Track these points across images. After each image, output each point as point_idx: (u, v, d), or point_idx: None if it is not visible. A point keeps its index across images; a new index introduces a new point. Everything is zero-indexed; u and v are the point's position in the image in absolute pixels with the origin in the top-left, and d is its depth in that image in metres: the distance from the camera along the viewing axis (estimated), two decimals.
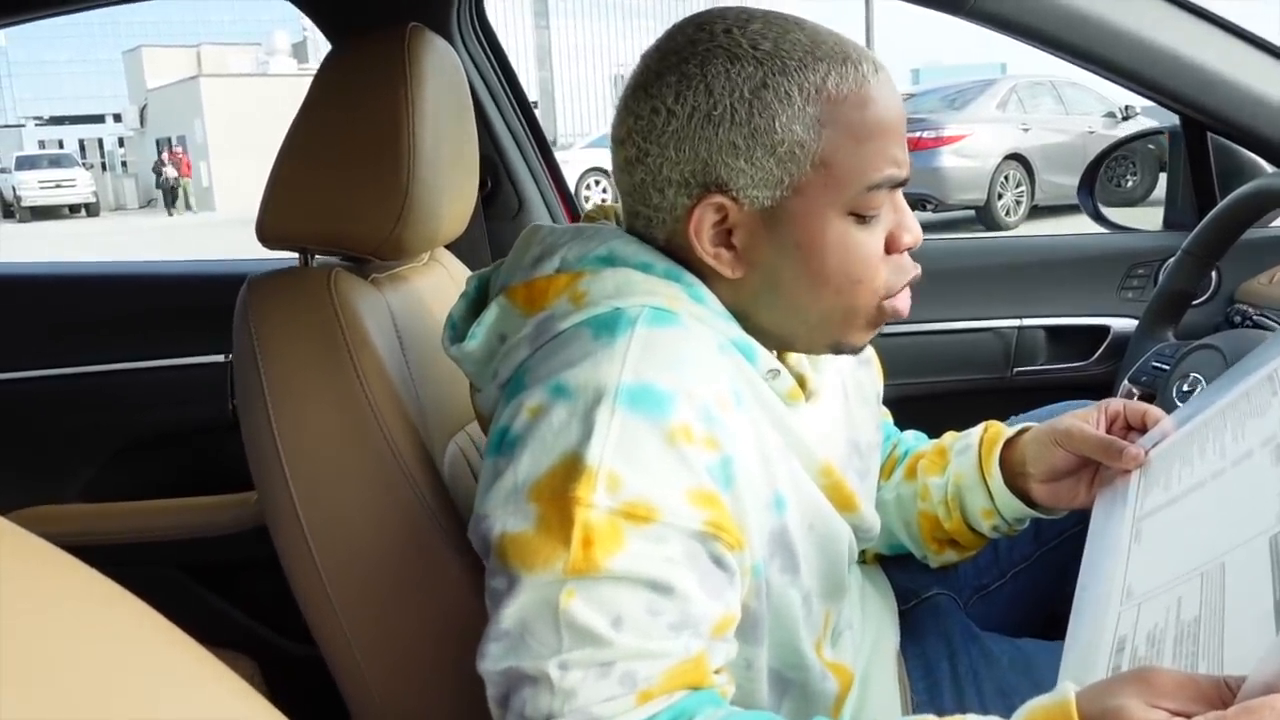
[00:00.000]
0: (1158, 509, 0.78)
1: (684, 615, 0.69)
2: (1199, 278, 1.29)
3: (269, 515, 0.92)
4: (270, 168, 0.96)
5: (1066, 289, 1.66)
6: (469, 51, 1.63)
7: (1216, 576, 0.64)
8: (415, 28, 0.98)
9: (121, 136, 41.22)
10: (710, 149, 0.74)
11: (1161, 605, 0.66)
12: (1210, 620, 0.61)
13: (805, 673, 0.86)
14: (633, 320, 0.74)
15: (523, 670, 0.68)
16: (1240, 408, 0.79)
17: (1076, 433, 0.90)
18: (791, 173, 0.74)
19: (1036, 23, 1.32)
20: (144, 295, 1.76)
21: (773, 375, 0.80)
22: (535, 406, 0.72)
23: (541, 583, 0.67)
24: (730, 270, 0.78)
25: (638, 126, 0.76)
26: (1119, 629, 0.68)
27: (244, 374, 0.92)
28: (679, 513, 0.68)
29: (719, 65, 0.73)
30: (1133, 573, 0.73)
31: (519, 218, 1.67)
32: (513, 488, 0.70)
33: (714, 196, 0.75)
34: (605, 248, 0.79)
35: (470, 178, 1.12)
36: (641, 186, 0.78)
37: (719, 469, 0.71)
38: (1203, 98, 1.41)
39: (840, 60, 0.74)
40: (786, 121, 0.73)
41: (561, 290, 0.78)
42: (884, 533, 1.06)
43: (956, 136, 9.10)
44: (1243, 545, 0.64)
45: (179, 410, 1.66)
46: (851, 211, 0.76)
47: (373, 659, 0.92)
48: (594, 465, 0.67)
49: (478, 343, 0.82)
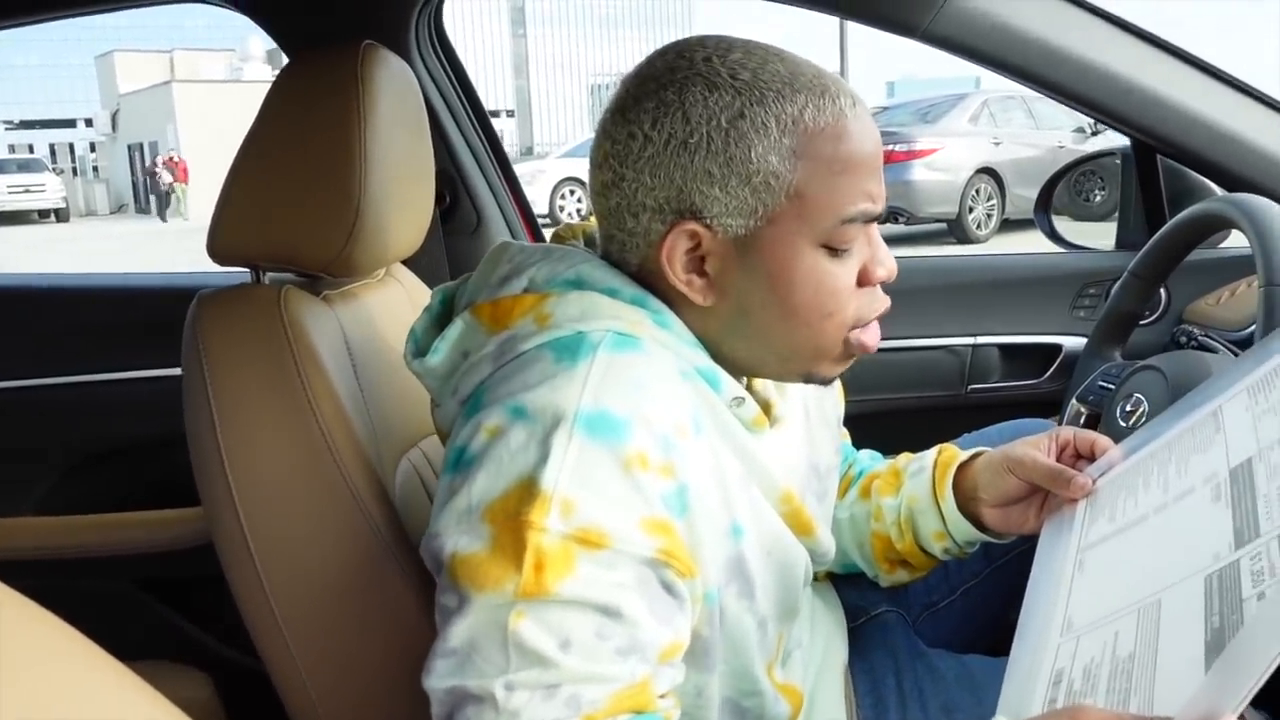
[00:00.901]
0: (1101, 540, 0.79)
1: (632, 640, 0.69)
2: (1146, 298, 1.31)
3: (215, 535, 0.92)
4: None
5: (1021, 307, 1.68)
6: (427, 66, 1.63)
7: (1153, 613, 0.64)
8: (369, 45, 0.98)
9: (93, 141, 40.88)
10: (685, 176, 0.74)
11: (1099, 639, 0.67)
12: (1144, 657, 0.61)
13: (760, 698, 0.86)
14: (595, 345, 0.74)
15: (468, 689, 0.68)
16: (1185, 442, 0.80)
17: (1028, 460, 0.91)
18: (766, 203, 0.74)
19: (988, 47, 1.34)
20: (98, 308, 1.75)
21: (737, 403, 0.80)
22: (493, 427, 0.72)
23: (491, 603, 0.67)
24: (701, 297, 0.78)
25: (615, 151, 0.77)
26: (1057, 661, 0.69)
27: (191, 393, 0.92)
28: (631, 540, 0.69)
29: (697, 93, 0.74)
30: (1074, 604, 0.74)
31: (478, 233, 1.68)
32: (467, 508, 0.70)
33: (687, 223, 0.75)
34: (574, 271, 0.80)
35: (426, 194, 1.12)
36: (617, 211, 0.78)
37: (674, 497, 0.72)
38: (1152, 121, 1.43)
39: (819, 93, 0.75)
40: (762, 152, 0.73)
41: (527, 310, 0.78)
42: (837, 551, 1.07)
43: (929, 150, 9.17)
44: (1179, 584, 0.65)
45: (134, 424, 1.65)
46: (824, 244, 0.76)
47: (318, 678, 0.92)
48: (549, 490, 0.68)
49: (440, 358, 0.82)
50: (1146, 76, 1.39)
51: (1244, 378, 0.80)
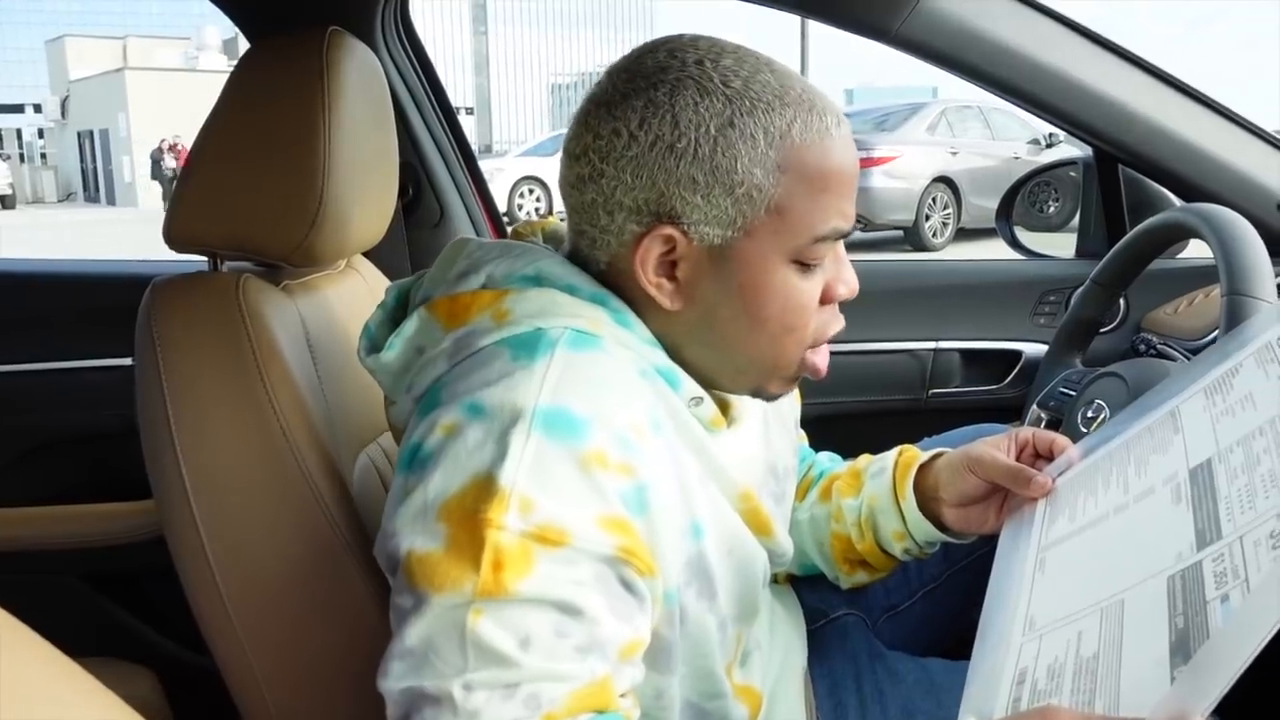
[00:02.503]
0: (1062, 539, 0.80)
1: (591, 638, 0.68)
2: (1106, 306, 1.32)
3: (168, 529, 0.90)
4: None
5: (982, 313, 1.69)
6: (392, 56, 1.61)
7: (1116, 613, 0.65)
8: (334, 31, 0.96)
9: (41, 128, 40.11)
10: (668, 180, 0.73)
11: (1062, 638, 0.67)
12: (1108, 657, 0.62)
13: (722, 700, 0.86)
14: (553, 342, 0.73)
15: (425, 690, 0.67)
16: (1144, 442, 0.81)
17: (987, 459, 0.91)
18: (745, 214, 0.74)
19: (956, 52, 1.35)
20: (51, 295, 1.71)
21: (696, 403, 0.80)
22: (449, 425, 0.71)
23: (449, 603, 0.66)
24: (669, 301, 0.77)
25: (596, 145, 0.75)
26: (1020, 660, 0.69)
27: (145, 382, 0.90)
28: (590, 537, 0.68)
29: (688, 97, 0.73)
30: (1035, 603, 0.74)
31: (440, 227, 1.66)
32: (422, 506, 0.69)
33: (665, 228, 0.75)
34: (533, 267, 0.79)
35: (389, 185, 1.11)
36: (591, 206, 0.77)
37: (633, 495, 0.71)
38: (1115, 132, 1.45)
39: (807, 108, 0.74)
40: (748, 164, 0.73)
41: (485, 307, 0.77)
42: (797, 552, 1.06)
43: (887, 158, 9.25)
44: (1141, 584, 0.65)
45: (86, 414, 1.62)
46: (796, 259, 0.76)
47: (271, 674, 0.90)
48: (507, 487, 0.67)
49: (394, 354, 0.81)
50: (1113, 87, 1.41)
51: (1200, 379, 0.81)
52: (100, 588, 1.48)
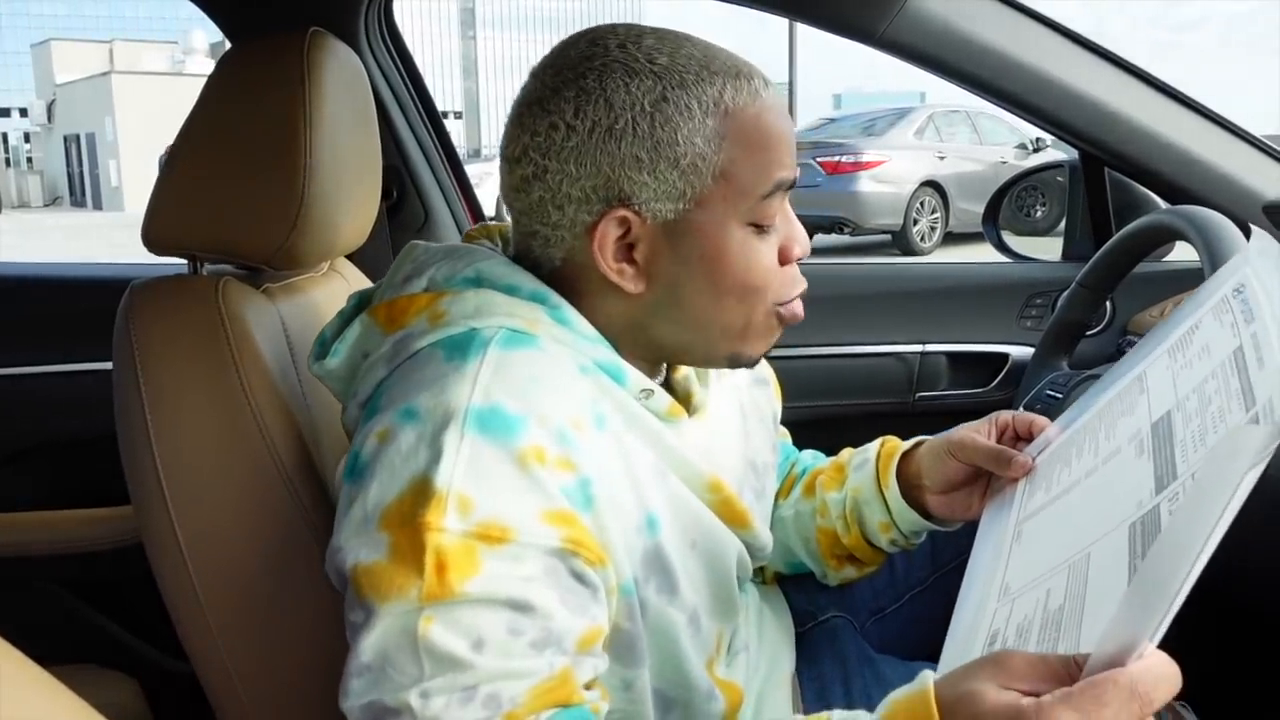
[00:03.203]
0: (1038, 510, 0.80)
1: (546, 632, 0.68)
2: (1093, 309, 1.32)
3: (145, 533, 0.89)
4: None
5: (968, 316, 1.69)
6: (376, 58, 1.60)
7: (1082, 567, 0.65)
8: (316, 32, 0.96)
9: (27, 132, 39.96)
10: (613, 163, 0.74)
11: (1032, 598, 0.68)
12: (1073, 608, 0.62)
13: (690, 692, 0.85)
14: (486, 342, 0.73)
15: (384, 704, 0.66)
16: (1114, 408, 0.82)
17: (969, 443, 0.91)
18: (694, 185, 0.75)
19: (944, 55, 1.35)
20: (28, 299, 1.69)
21: (646, 395, 0.80)
22: (383, 431, 0.71)
23: (398, 612, 0.66)
24: (633, 285, 0.78)
25: (535, 143, 0.76)
26: (993, 624, 0.69)
27: (123, 385, 0.89)
28: (534, 531, 0.67)
29: (617, 79, 0.73)
30: (1011, 571, 0.75)
31: (425, 230, 1.65)
32: (363, 517, 0.69)
33: (617, 211, 0.75)
34: (473, 269, 0.79)
35: (372, 188, 1.10)
36: (540, 205, 0.77)
37: (576, 491, 0.71)
38: (1101, 134, 1.46)
39: (734, 74, 0.76)
40: (688, 134, 0.73)
41: (422, 309, 0.78)
42: (783, 550, 1.06)
43: (875, 162, 9.28)
44: (1106, 536, 0.65)
45: (66, 419, 1.60)
46: (751, 222, 0.77)
47: (249, 681, 0.89)
48: (443, 489, 0.66)
49: (339, 360, 0.82)
50: (1099, 90, 1.41)
51: (1165, 340, 0.82)
52: (82, 594, 1.47)
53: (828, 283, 1.68)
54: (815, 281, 0.90)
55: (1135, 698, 0.51)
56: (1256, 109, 74.61)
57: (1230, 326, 0.71)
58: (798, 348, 1.64)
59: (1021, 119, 1.49)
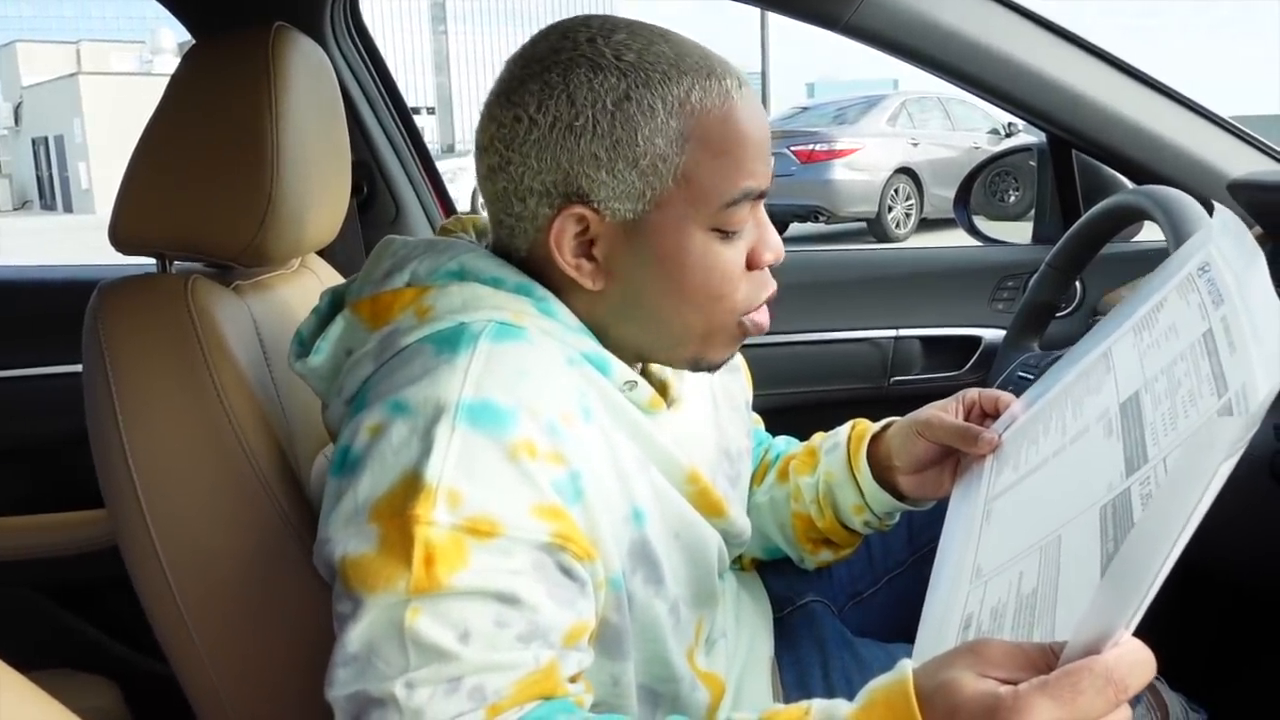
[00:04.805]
0: (1007, 489, 0.80)
1: (532, 625, 0.68)
2: (1062, 290, 1.33)
3: (120, 535, 0.88)
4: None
5: (941, 300, 1.70)
6: (343, 53, 1.59)
7: (1053, 550, 0.65)
8: (280, 27, 0.95)
9: None
10: (572, 159, 0.73)
11: (1005, 581, 0.68)
12: (1046, 592, 0.62)
13: (676, 685, 0.85)
14: (476, 335, 0.73)
15: (369, 694, 0.66)
16: (1080, 385, 0.82)
17: (936, 422, 0.92)
18: (654, 186, 0.74)
19: (909, 40, 1.36)
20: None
21: (630, 386, 0.80)
22: (374, 425, 0.71)
23: (385, 603, 0.66)
24: (591, 282, 0.78)
25: (500, 134, 0.76)
26: (967, 606, 0.70)
27: (93, 387, 0.88)
28: (523, 526, 0.68)
29: (582, 75, 0.73)
30: (982, 552, 0.75)
31: (396, 225, 1.65)
32: (353, 509, 0.69)
33: (575, 207, 0.75)
34: (456, 262, 0.79)
35: (341, 183, 1.09)
36: (504, 195, 0.77)
37: (566, 484, 0.71)
38: (1068, 117, 1.46)
39: (705, 75, 0.74)
40: (649, 134, 0.73)
41: (407, 304, 0.77)
42: (759, 536, 1.07)
43: (849, 150, 9.29)
44: (1077, 518, 0.65)
45: (37, 423, 1.59)
46: (714, 227, 0.76)
47: (229, 680, 0.88)
48: (433, 482, 0.66)
49: (322, 358, 0.81)
50: (1065, 73, 1.42)
51: (1130, 318, 0.82)
52: (59, 599, 1.46)
53: (801, 269, 1.68)
54: (788, 269, 0.90)
55: (1111, 684, 0.51)
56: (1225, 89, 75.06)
57: (1198, 307, 0.71)
58: (772, 335, 1.64)
59: (989, 103, 1.50)
